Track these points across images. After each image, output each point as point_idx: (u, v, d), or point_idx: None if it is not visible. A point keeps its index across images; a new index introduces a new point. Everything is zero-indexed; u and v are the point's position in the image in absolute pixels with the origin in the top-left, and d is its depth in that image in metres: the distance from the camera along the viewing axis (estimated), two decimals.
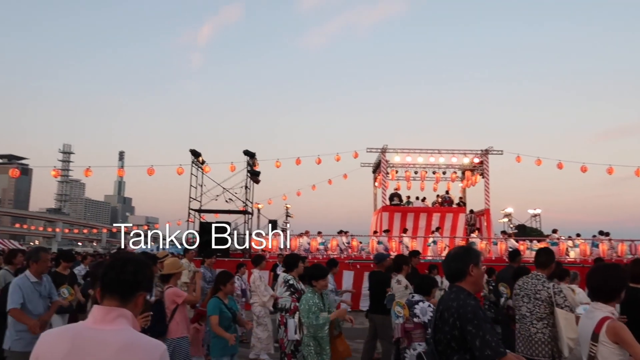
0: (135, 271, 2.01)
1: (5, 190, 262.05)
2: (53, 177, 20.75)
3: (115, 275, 1.98)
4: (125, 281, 1.97)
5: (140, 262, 2.05)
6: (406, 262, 7.84)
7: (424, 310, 5.42)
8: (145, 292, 2.07)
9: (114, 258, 2.09)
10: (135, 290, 2.00)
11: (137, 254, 2.73)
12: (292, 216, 34.16)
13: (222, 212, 19.05)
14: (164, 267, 6.05)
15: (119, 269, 1.99)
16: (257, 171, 19.07)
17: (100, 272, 2.03)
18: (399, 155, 23.48)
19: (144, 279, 2.04)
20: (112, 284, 1.97)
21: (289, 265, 7.03)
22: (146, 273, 2.05)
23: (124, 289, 1.97)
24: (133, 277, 1.99)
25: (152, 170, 18.89)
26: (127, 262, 2.02)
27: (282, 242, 19.03)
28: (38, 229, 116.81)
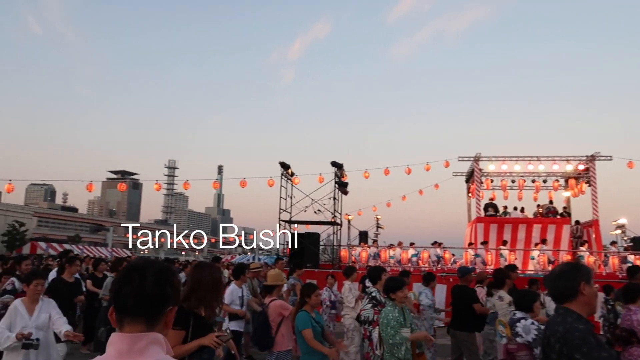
0: (158, 281, 1.57)
1: (119, 203, 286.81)
2: (157, 191, 22.15)
3: (133, 290, 1.54)
4: (149, 296, 1.55)
5: (162, 269, 1.63)
6: (509, 276, 7.31)
7: (527, 329, 4.90)
8: (175, 305, 1.63)
9: (128, 268, 1.63)
10: (163, 306, 1.58)
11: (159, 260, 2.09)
12: (382, 227, 33.65)
13: (312, 223, 19.24)
14: (268, 278, 6.06)
15: (139, 282, 1.55)
16: (345, 182, 19.06)
17: (112, 289, 1.61)
18: (493, 164, 22.39)
19: (172, 289, 1.61)
20: (133, 303, 1.54)
21: (373, 277, 6.84)
22: (173, 281, 1.62)
23: (149, 306, 1.55)
24: (158, 290, 1.57)
25: (245, 182, 19.57)
26: (145, 271, 1.58)
27: (372, 254, 18.85)
28: None
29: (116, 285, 1.59)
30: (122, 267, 1.73)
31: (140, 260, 1.68)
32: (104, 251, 53.54)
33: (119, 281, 1.59)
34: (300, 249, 17.27)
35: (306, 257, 16.63)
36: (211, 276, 3.85)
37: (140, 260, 1.68)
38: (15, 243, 47.88)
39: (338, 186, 18.42)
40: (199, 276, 3.86)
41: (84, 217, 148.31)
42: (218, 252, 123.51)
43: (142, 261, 1.66)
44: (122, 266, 8.92)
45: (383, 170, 21.07)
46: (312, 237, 18.07)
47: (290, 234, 18.57)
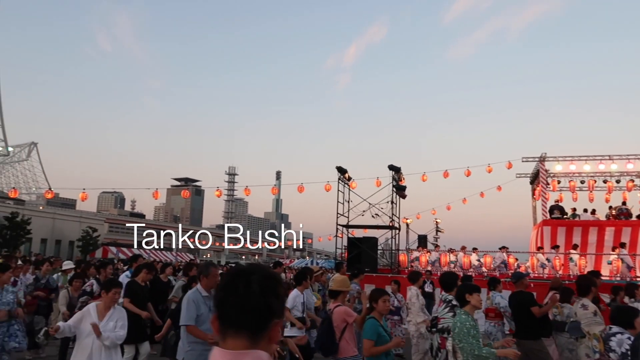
0: (264, 291, 1.44)
1: (183, 209, 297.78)
2: (218, 197, 22.76)
3: (238, 300, 1.43)
4: (254, 308, 1.42)
5: (267, 276, 1.48)
6: (594, 283, 6.84)
7: (621, 342, 4.57)
8: (280, 318, 1.49)
9: (233, 274, 1.50)
10: (268, 320, 1.44)
11: (262, 264, 1.88)
12: (442, 231, 32.93)
13: (370, 228, 19.07)
14: (334, 284, 6.01)
15: (243, 291, 1.42)
16: (403, 186, 18.77)
17: (215, 296, 1.52)
18: (560, 164, 21.36)
19: (278, 301, 1.47)
20: (236, 314, 1.42)
21: (447, 284, 6.54)
22: (278, 291, 1.48)
23: (254, 319, 1.42)
24: (264, 301, 1.43)
25: (302, 187, 19.72)
26: (250, 279, 1.45)
27: (432, 258, 18.44)
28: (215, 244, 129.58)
29: (220, 293, 1.48)
30: (226, 272, 1.56)
31: (245, 266, 1.55)
32: (169, 255, 55.60)
33: (223, 289, 1.48)
34: (357, 253, 17.17)
35: (364, 262, 16.50)
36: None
37: (245, 266, 1.55)
38: (89, 248, 50.71)
39: (396, 190, 18.17)
40: None
41: (151, 223, 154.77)
42: (277, 257, 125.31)
43: (246, 267, 1.53)
44: (192, 271, 9.15)
45: (442, 173, 20.63)
46: (369, 242, 17.92)
47: (347, 238, 18.52)
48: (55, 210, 60.87)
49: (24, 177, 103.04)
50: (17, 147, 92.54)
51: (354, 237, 18.65)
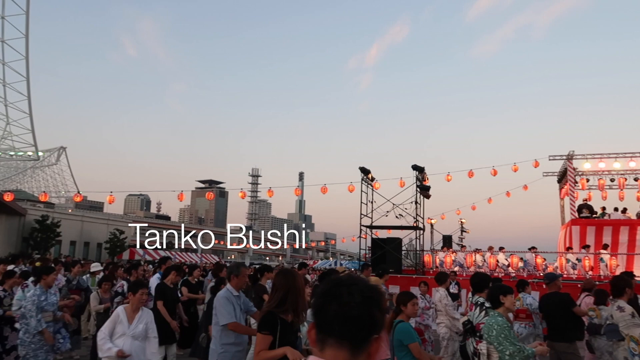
0: (367, 302, 1.37)
1: (207, 211, 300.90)
2: (242, 199, 22.94)
3: (340, 309, 1.36)
4: (357, 319, 1.35)
5: (370, 288, 1.41)
6: (630, 284, 6.61)
7: None
8: (380, 333, 1.41)
9: (335, 283, 1.43)
10: (370, 333, 1.37)
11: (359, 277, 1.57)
12: (467, 231, 32.52)
13: (393, 228, 18.96)
14: None
15: (346, 300, 1.36)
16: (427, 186, 18.61)
17: (315, 304, 1.44)
18: (589, 162, 20.88)
19: (381, 315, 1.40)
20: (339, 324, 1.35)
21: (478, 285, 6.25)
22: (382, 304, 1.41)
23: (356, 331, 1.35)
24: (367, 312, 1.36)
25: (326, 188, 19.73)
26: (352, 289, 1.38)
27: (457, 259, 18.23)
28: (233, 245, 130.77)
29: (320, 301, 1.40)
30: (325, 280, 1.48)
31: (346, 276, 1.47)
32: (194, 257, 56.24)
33: (324, 296, 1.40)
34: (382, 254, 17.09)
35: (388, 262, 16.40)
36: (300, 283, 3.87)
37: (346, 276, 1.47)
38: (116, 249, 51.64)
39: (419, 190, 18.02)
40: (288, 283, 3.88)
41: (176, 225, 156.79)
42: (300, 257, 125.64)
43: (346, 278, 1.46)
44: (222, 272, 9.19)
45: (467, 173, 20.38)
46: (394, 242, 17.82)
47: (371, 239, 18.44)
48: (84, 213, 62.15)
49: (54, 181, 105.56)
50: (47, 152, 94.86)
51: (378, 238, 18.56)
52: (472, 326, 5.71)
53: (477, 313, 5.80)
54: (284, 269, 4.59)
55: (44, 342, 6.09)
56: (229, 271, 5.26)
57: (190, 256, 56.48)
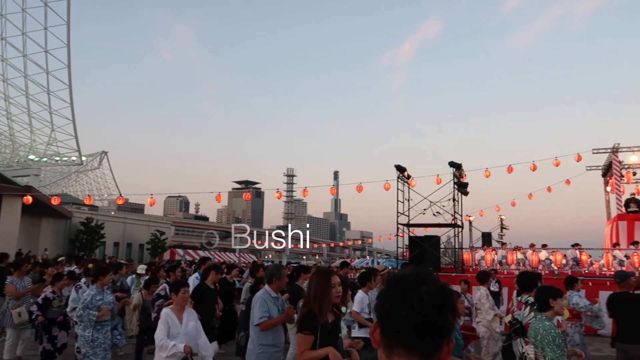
0: (440, 305, 1.22)
1: (244, 211, 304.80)
2: (278, 199, 23.15)
3: (411, 316, 1.21)
4: (430, 326, 1.21)
5: (440, 288, 1.26)
6: None
7: None
8: (452, 336, 1.26)
9: (401, 283, 1.27)
10: (443, 339, 1.23)
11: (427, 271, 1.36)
12: (507, 228, 31.78)
13: (431, 226, 18.74)
14: None
15: (418, 306, 1.21)
16: (465, 182, 18.29)
17: (379, 305, 1.29)
18: (635, 154, 20.10)
19: (454, 317, 1.26)
20: (410, 331, 1.21)
21: (526, 285, 5.98)
22: (454, 305, 1.27)
23: (429, 338, 1.21)
24: (441, 317, 1.22)
25: (361, 187, 19.64)
26: (421, 290, 1.23)
27: (497, 256, 17.84)
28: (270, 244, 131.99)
29: (387, 305, 1.26)
30: (389, 280, 1.33)
31: (411, 274, 1.30)
32: (232, 256, 57.05)
33: (390, 299, 1.26)
34: (419, 252, 16.92)
35: (426, 261, 16.24)
36: (323, 282, 3.88)
37: (411, 274, 1.30)
38: (157, 250, 52.94)
39: (457, 187, 17.74)
40: (313, 283, 3.96)
41: (214, 225, 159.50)
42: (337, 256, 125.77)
43: (413, 275, 1.29)
44: (260, 272, 9.28)
45: (506, 168, 19.91)
46: (431, 240, 17.62)
47: (409, 237, 18.28)
48: (126, 215, 63.96)
49: (97, 185, 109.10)
50: (90, 157, 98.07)
51: (415, 236, 18.38)
52: (522, 325, 5.53)
53: (526, 312, 5.61)
54: (317, 269, 4.60)
55: (102, 341, 6.30)
56: (270, 273, 5.27)
57: (228, 256, 57.32)
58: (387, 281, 1.33)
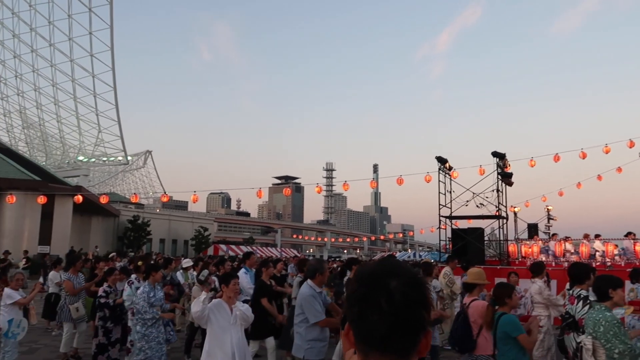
0: (412, 302, 1.12)
1: (285, 206, 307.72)
2: (319, 193, 23.17)
3: (381, 318, 1.11)
4: (402, 326, 1.11)
5: (413, 282, 1.15)
6: None
7: None
8: (428, 328, 1.16)
9: (368, 283, 1.17)
10: (419, 336, 1.14)
11: (398, 261, 1.27)
12: (554, 218, 30.77)
13: (474, 218, 18.35)
14: (469, 276, 5.84)
15: (387, 308, 1.10)
16: (509, 172, 17.80)
17: (349, 306, 1.18)
18: None
19: (428, 312, 1.16)
20: (381, 335, 1.11)
21: (578, 277, 5.72)
22: (428, 301, 1.16)
23: (402, 338, 1.12)
24: (412, 316, 1.12)
25: (401, 180, 19.44)
26: (392, 290, 1.12)
27: (546, 248, 17.32)
28: (311, 239, 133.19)
29: (356, 307, 1.16)
30: (355, 278, 1.22)
31: (379, 266, 1.20)
32: (274, 251, 57.75)
33: (359, 301, 1.16)
34: (463, 245, 16.63)
35: (470, 254, 15.93)
36: None
37: (379, 266, 1.20)
38: (201, 246, 54.18)
39: (501, 177, 17.29)
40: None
41: (256, 221, 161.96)
42: (378, 250, 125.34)
43: (381, 268, 1.19)
44: (306, 267, 9.29)
45: (552, 157, 19.24)
46: (475, 232, 17.28)
47: (451, 229, 17.98)
48: (170, 212, 65.73)
49: (142, 183, 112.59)
50: (135, 156, 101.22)
51: (458, 228, 18.05)
52: (574, 320, 5.34)
53: (579, 307, 5.39)
54: (362, 263, 4.58)
55: (155, 335, 6.51)
56: (313, 268, 5.31)
57: (270, 250, 58.06)
58: (353, 280, 1.22)
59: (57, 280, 12.47)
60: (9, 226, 30.41)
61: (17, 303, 6.93)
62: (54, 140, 75.61)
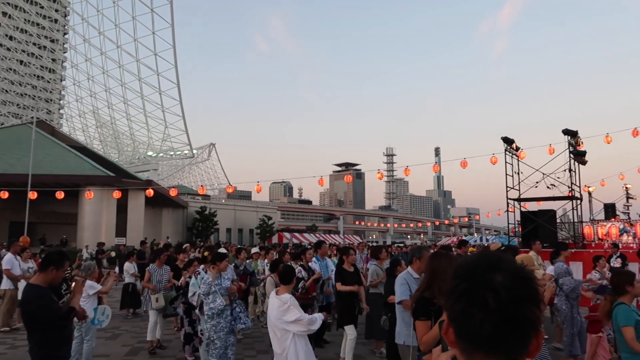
0: (521, 300, 1.02)
1: (346, 193, 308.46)
2: (380, 179, 22.98)
3: (487, 317, 1.02)
4: (511, 325, 1.02)
5: (521, 277, 1.06)
6: None
7: None
8: (540, 329, 1.06)
9: (471, 277, 1.08)
10: (529, 336, 1.04)
11: (500, 254, 1.13)
12: (634, 197, 28.86)
13: (545, 200, 17.54)
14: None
15: (495, 305, 1.01)
16: (582, 151, 16.82)
17: (450, 308, 1.09)
18: None
19: (538, 309, 1.05)
20: (487, 335, 1.02)
21: None
22: (538, 297, 1.06)
23: (512, 339, 1.03)
24: (522, 314, 1.02)
25: (466, 163, 18.88)
26: (498, 285, 1.03)
27: (624, 229, 16.31)
28: (373, 225, 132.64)
29: (457, 304, 1.07)
30: (455, 273, 1.12)
31: (482, 261, 1.10)
32: (336, 238, 58.06)
33: (461, 298, 1.07)
34: (533, 227, 15.95)
35: (541, 237, 15.26)
36: (448, 266, 3.72)
37: (482, 261, 1.10)
38: (266, 234, 55.39)
39: (573, 156, 16.39)
40: (435, 266, 3.79)
41: (317, 208, 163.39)
42: (442, 234, 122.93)
43: (484, 259, 1.10)
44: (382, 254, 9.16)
45: (630, 132, 17.98)
46: (546, 215, 16.52)
47: (520, 212, 17.30)
48: (235, 202, 67.56)
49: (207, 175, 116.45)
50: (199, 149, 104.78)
51: (528, 211, 17.34)
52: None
53: None
54: (435, 251, 4.48)
55: (223, 325, 6.66)
56: (411, 254, 5.29)
57: (333, 237, 58.42)
58: (453, 275, 1.13)
59: (132, 271, 13.17)
60: (88, 220, 32.38)
61: (99, 292, 7.47)
62: (125, 137, 79.71)
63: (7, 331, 10.54)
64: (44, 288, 4.21)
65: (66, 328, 4.30)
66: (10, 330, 10.61)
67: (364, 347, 8.88)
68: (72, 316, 4.25)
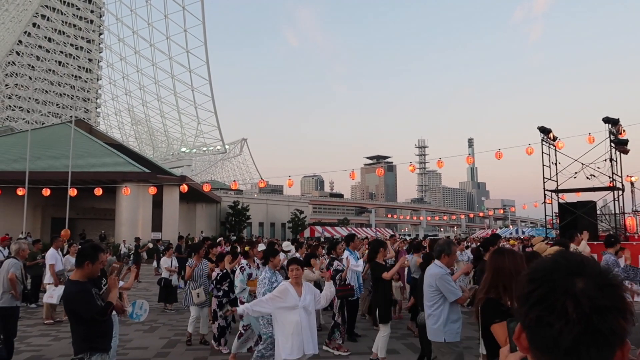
0: (605, 311, 0.93)
1: (377, 186, 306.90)
2: (412, 172, 22.75)
3: (568, 328, 0.93)
4: (598, 338, 0.93)
5: (605, 284, 0.96)
6: None
7: None
8: (626, 341, 0.96)
9: (548, 282, 0.98)
10: (613, 350, 0.94)
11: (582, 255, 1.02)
12: None
13: (584, 191, 16.99)
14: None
15: (576, 316, 0.93)
16: (624, 139, 16.19)
17: (524, 313, 1.00)
18: None
19: (626, 322, 0.95)
20: (569, 348, 0.93)
21: None
22: (626, 307, 0.95)
23: (593, 352, 0.93)
24: (606, 326, 0.92)
25: (501, 154, 18.48)
26: (579, 294, 0.94)
27: None
28: (406, 218, 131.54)
29: (532, 310, 0.98)
30: (531, 276, 1.03)
31: (562, 264, 1.01)
32: (369, 231, 57.82)
33: (536, 304, 0.98)
34: (572, 219, 15.48)
35: (580, 229, 14.78)
36: (511, 263, 3.52)
37: (562, 264, 1.01)
38: (298, 228, 55.70)
39: (615, 145, 15.80)
40: (497, 264, 3.58)
41: (349, 202, 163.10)
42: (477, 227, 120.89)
43: (565, 267, 1.00)
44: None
45: None
46: (586, 206, 16.00)
47: (558, 203, 16.82)
48: (267, 197, 68.10)
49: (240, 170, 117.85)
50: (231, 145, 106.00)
51: (566, 202, 16.83)
52: None
53: None
54: (498, 248, 4.34)
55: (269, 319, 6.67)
56: (440, 249, 5.20)
57: (365, 231, 58.23)
58: (527, 278, 1.03)
59: (167, 266, 13.38)
60: (126, 215, 33.23)
61: (121, 289, 7.55)
62: (159, 134, 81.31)
63: (50, 323, 10.92)
64: (83, 283, 4.30)
65: (107, 321, 4.40)
66: (53, 323, 10.98)
67: (397, 341, 8.82)
68: (110, 311, 4.34)
